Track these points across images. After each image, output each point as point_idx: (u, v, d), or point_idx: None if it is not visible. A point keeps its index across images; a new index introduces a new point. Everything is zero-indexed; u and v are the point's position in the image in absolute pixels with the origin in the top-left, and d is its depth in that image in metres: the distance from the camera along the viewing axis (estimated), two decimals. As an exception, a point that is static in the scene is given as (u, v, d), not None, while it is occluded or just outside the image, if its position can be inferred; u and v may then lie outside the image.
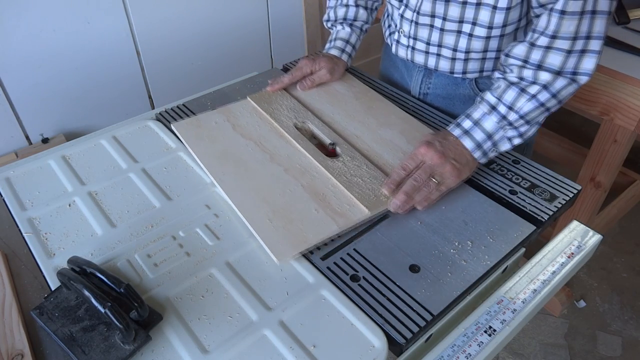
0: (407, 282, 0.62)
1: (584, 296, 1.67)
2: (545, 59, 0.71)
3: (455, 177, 0.73)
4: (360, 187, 0.73)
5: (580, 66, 0.71)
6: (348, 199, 0.71)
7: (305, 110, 0.89)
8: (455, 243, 0.67)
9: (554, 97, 0.72)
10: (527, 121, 0.74)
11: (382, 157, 0.80)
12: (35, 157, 0.81)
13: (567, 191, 0.75)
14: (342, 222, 0.68)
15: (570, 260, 0.67)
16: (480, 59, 0.87)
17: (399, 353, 0.57)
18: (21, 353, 0.55)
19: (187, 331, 0.56)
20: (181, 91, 1.61)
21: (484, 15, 0.80)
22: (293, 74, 0.95)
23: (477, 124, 0.76)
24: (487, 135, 0.75)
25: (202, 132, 0.83)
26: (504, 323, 0.59)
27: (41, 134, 1.44)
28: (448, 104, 0.98)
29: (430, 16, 0.85)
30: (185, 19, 1.56)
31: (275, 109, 0.89)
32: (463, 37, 0.84)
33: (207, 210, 0.71)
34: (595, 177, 1.33)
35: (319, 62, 0.96)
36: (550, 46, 0.70)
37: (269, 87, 0.94)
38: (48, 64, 1.36)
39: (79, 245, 0.66)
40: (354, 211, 0.70)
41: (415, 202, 0.71)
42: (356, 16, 1.00)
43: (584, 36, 0.68)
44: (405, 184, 0.71)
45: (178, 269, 0.63)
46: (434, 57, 0.91)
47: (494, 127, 0.75)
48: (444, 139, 0.75)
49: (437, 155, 0.72)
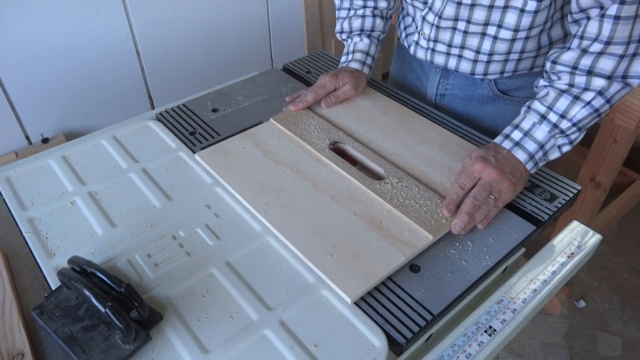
0: (408, 281, 0.62)
1: (584, 296, 1.67)
2: (596, 64, 0.69)
3: (512, 192, 0.71)
4: (416, 211, 0.69)
5: (631, 69, 0.69)
6: (407, 225, 0.67)
7: (335, 129, 0.84)
8: (456, 243, 0.67)
9: (607, 102, 0.71)
10: (579, 128, 0.72)
11: (430, 176, 0.76)
12: (35, 157, 0.81)
13: (567, 191, 0.75)
14: (408, 251, 0.64)
15: (570, 260, 0.67)
16: (503, 60, 0.85)
17: (399, 353, 0.57)
18: (21, 353, 0.55)
19: (187, 331, 0.56)
20: (181, 91, 1.61)
21: (511, 19, 0.78)
22: (317, 92, 0.89)
23: (528, 134, 0.74)
24: (539, 145, 0.73)
25: (232, 161, 0.78)
26: (504, 323, 0.59)
27: (41, 134, 1.44)
28: (466, 105, 0.96)
29: (453, 20, 0.83)
30: (185, 19, 1.56)
31: (304, 130, 0.83)
32: (487, 39, 0.82)
33: (207, 210, 0.71)
34: (595, 177, 1.33)
35: (342, 78, 0.91)
36: (603, 52, 0.68)
37: (292, 106, 0.88)
38: (48, 64, 1.36)
39: (79, 245, 0.66)
40: (417, 237, 0.66)
41: (477, 221, 0.68)
42: (374, 26, 0.96)
43: (636, 39, 0.67)
44: (466, 203, 0.68)
45: (178, 269, 0.63)
46: (455, 59, 0.88)
47: (545, 136, 0.73)
48: (497, 152, 0.73)
49: (495, 172, 0.70)
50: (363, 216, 0.69)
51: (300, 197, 0.72)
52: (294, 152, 0.80)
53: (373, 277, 0.61)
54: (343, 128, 0.86)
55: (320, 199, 0.71)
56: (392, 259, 0.63)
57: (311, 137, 0.82)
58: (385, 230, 0.67)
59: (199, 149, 0.82)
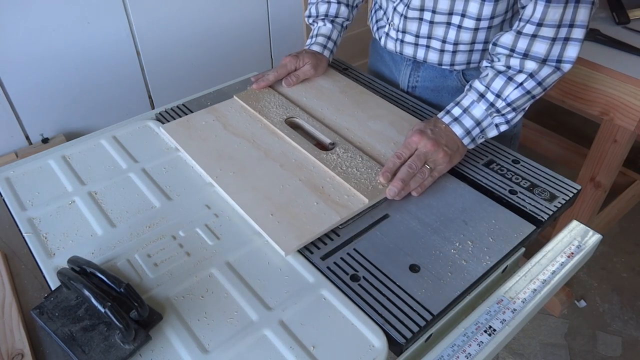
0: (407, 281, 0.62)
1: (584, 296, 1.67)
2: (531, 47, 0.74)
3: (447, 163, 0.76)
4: (357, 178, 0.74)
5: (564, 54, 0.74)
6: (347, 190, 0.73)
7: (293, 106, 0.90)
8: (456, 243, 0.67)
9: (539, 85, 0.75)
10: (513, 108, 0.77)
11: (375, 148, 0.82)
12: (35, 157, 0.81)
13: (567, 191, 0.75)
14: (343, 212, 0.69)
15: (570, 260, 0.67)
16: (468, 50, 0.89)
17: (399, 353, 0.57)
18: (21, 353, 0.55)
19: (187, 331, 0.56)
20: (181, 91, 1.61)
21: (473, 7, 0.82)
22: (278, 71, 0.96)
23: (466, 111, 0.79)
24: (476, 122, 0.78)
25: (193, 132, 0.84)
26: (504, 323, 0.59)
27: (41, 134, 1.44)
28: (436, 96, 1.00)
29: (419, 10, 0.87)
30: (185, 19, 1.56)
31: (263, 107, 0.90)
32: (452, 28, 0.86)
33: (207, 210, 0.71)
34: (595, 177, 1.33)
35: (302, 59, 0.97)
36: (536, 34, 0.73)
37: (255, 85, 0.94)
38: (48, 64, 1.36)
39: (79, 245, 0.66)
40: (354, 201, 0.71)
41: (411, 188, 0.74)
42: (337, 13, 1.02)
43: (567, 24, 0.71)
44: (401, 171, 0.74)
45: (178, 269, 0.63)
46: (423, 49, 0.92)
47: (482, 114, 0.78)
48: (435, 126, 0.78)
49: (430, 143, 0.75)
50: (307, 182, 0.74)
51: (252, 164, 0.77)
52: (251, 126, 0.86)
53: (308, 234, 0.66)
54: (301, 105, 0.92)
55: (270, 167, 0.77)
56: (328, 219, 0.68)
57: (269, 113, 0.88)
58: (326, 195, 0.72)
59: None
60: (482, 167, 0.80)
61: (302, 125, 0.87)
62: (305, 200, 0.71)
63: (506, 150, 0.83)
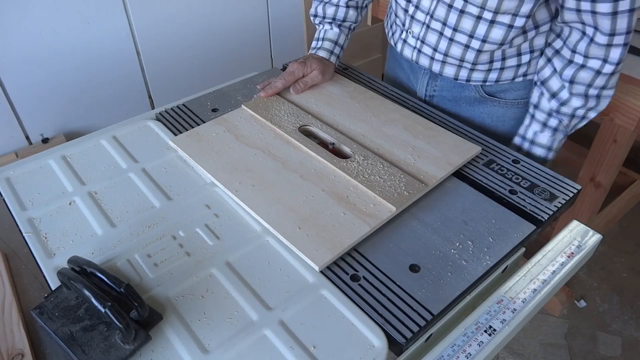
0: (407, 281, 0.62)
1: (584, 296, 1.67)
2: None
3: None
4: (381, 186, 0.73)
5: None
6: (372, 199, 0.71)
7: (305, 113, 0.88)
8: (456, 243, 0.67)
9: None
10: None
11: (394, 154, 0.80)
12: (35, 157, 0.81)
13: (567, 191, 0.75)
14: (372, 222, 0.68)
15: (570, 260, 0.67)
16: (486, 70, 0.88)
17: (399, 353, 0.57)
18: (21, 352, 0.55)
19: (187, 331, 0.56)
20: (181, 91, 1.61)
21: (497, 34, 0.80)
22: (285, 78, 0.93)
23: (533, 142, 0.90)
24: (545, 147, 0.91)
25: (205, 145, 0.81)
26: (504, 323, 0.59)
27: (41, 134, 1.44)
28: (454, 106, 0.98)
29: (442, 23, 0.84)
30: (185, 19, 1.56)
31: (274, 115, 0.87)
32: (471, 51, 0.85)
33: (207, 210, 0.71)
34: (595, 177, 1.33)
35: (309, 65, 0.94)
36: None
37: (262, 92, 0.91)
38: (48, 64, 1.36)
39: (79, 245, 0.66)
40: (381, 209, 0.70)
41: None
42: (345, 17, 1.00)
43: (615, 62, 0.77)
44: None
45: (178, 269, 0.63)
46: (439, 64, 0.91)
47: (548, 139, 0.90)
48: None
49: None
50: (330, 192, 0.72)
51: (270, 176, 0.75)
52: (264, 136, 0.83)
53: (339, 246, 0.64)
54: (312, 112, 0.89)
55: (290, 178, 0.75)
56: (357, 229, 0.67)
57: (281, 121, 0.86)
58: (352, 204, 0.70)
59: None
60: (482, 167, 0.80)
61: (316, 133, 0.85)
62: (331, 211, 0.69)
63: (506, 150, 0.83)
